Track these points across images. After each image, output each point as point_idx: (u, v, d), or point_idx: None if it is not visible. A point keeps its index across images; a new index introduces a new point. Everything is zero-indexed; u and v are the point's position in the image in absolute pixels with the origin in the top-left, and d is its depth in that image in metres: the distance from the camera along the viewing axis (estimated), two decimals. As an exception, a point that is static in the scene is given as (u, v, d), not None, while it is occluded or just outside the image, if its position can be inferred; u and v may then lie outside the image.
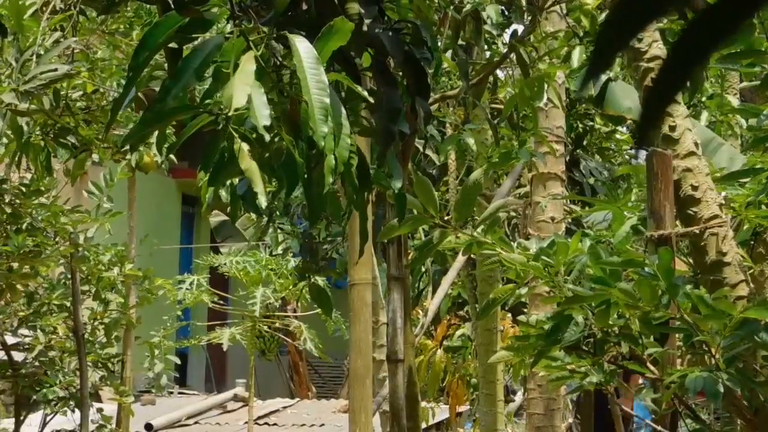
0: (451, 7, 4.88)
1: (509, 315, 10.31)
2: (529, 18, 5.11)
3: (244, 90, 2.25)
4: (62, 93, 4.18)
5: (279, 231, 10.05)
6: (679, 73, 0.88)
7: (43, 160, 4.15)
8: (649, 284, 2.97)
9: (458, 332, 10.67)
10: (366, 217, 2.86)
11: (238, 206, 2.70)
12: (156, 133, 2.55)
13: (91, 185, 7.37)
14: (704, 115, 6.83)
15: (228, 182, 2.69)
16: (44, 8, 4.18)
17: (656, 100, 0.91)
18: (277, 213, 9.76)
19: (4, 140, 4.12)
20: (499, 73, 6.25)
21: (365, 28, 2.52)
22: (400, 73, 2.71)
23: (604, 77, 5.91)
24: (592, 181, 9.28)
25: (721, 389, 2.92)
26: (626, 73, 6.17)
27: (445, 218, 3.42)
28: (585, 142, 9.42)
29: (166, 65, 2.52)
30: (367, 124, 2.61)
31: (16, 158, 4.43)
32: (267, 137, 2.29)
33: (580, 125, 9.46)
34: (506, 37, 5.69)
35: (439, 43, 4.12)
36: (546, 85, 5.16)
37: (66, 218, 7.15)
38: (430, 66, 2.72)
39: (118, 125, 5.26)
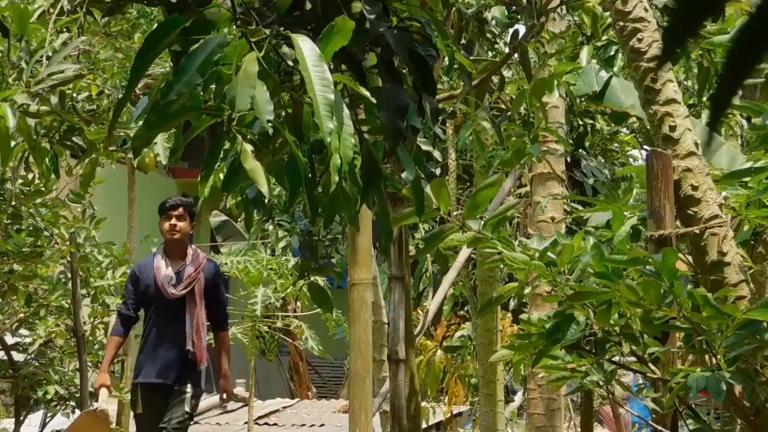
0: (459, 3, 4.89)
1: (509, 315, 10.31)
2: (535, 18, 5.12)
3: (247, 92, 2.26)
4: (68, 94, 4.19)
5: (278, 228, 10.04)
6: (750, 55, 0.89)
7: (50, 163, 4.16)
8: (654, 283, 2.97)
9: (458, 333, 10.68)
10: (387, 215, 2.87)
11: (251, 210, 2.72)
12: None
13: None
14: (705, 114, 6.84)
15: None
16: (51, 9, 4.19)
17: (728, 84, 0.91)
18: (277, 210, 9.76)
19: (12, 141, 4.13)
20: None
21: (369, 26, 2.53)
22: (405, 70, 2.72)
23: (605, 75, 5.92)
24: (592, 181, 9.29)
25: (724, 388, 2.93)
26: (627, 73, 6.18)
27: (453, 214, 3.43)
28: (587, 143, 9.43)
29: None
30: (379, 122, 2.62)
31: (22, 160, 4.44)
32: (270, 131, 2.29)
33: (580, 123, 9.45)
34: (507, 37, 5.71)
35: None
36: (556, 83, 5.19)
37: (65, 219, 7.16)
38: (436, 62, 2.72)
39: (120, 126, 5.27)
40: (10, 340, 8.16)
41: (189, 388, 6.25)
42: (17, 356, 8.13)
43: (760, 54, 0.88)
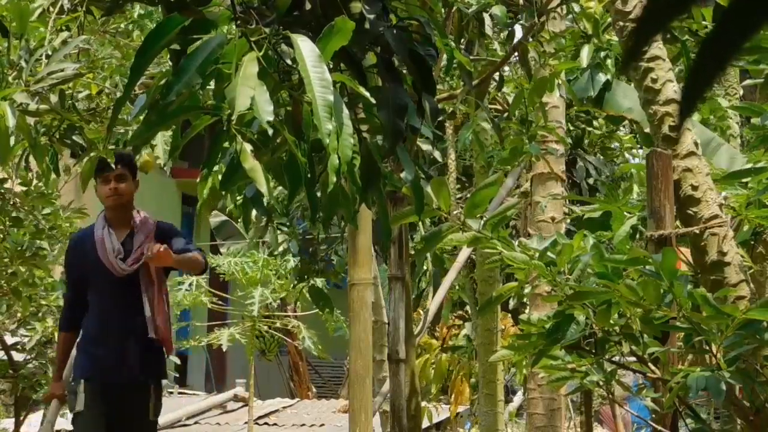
0: (459, 3, 4.89)
1: (509, 315, 10.32)
2: (536, 18, 5.13)
3: (247, 93, 2.26)
4: (68, 93, 4.20)
5: (278, 232, 10.03)
6: (718, 58, 0.89)
7: (50, 162, 4.15)
8: (654, 283, 2.97)
9: (462, 332, 10.70)
10: (387, 214, 2.88)
11: (249, 210, 2.73)
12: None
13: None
14: (695, 115, 6.85)
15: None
16: (51, 8, 4.19)
17: (696, 85, 0.91)
18: (276, 213, 9.74)
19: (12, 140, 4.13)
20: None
21: (368, 26, 2.53)
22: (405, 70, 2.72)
23: (603, 77, 5.92)
24: (591, 181, 9.29)
25: (724, 387, 2.93)
26: (615, 75, 6.18)
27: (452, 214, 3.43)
28: (586, 142, 9.44)
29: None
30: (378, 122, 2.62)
31: (23, 159, 4.45)
32: (270, 131, 2.29)
33: (577, 128, 9.45)
34: (504, 36, 5.71)
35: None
36: (558, 82, 5.20)
37: (64, 218, 7.16)
38: (436, 62, 2.72)
39: (120, 125, 5.27)
40: (10, 340, 8.17)
41: (152, 389, 5.11)
42: (17, 356, 8.13)
43: (741, 39, 0.88)
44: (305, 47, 2.30)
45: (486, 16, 5.18)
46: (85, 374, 5.09)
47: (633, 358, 3.42)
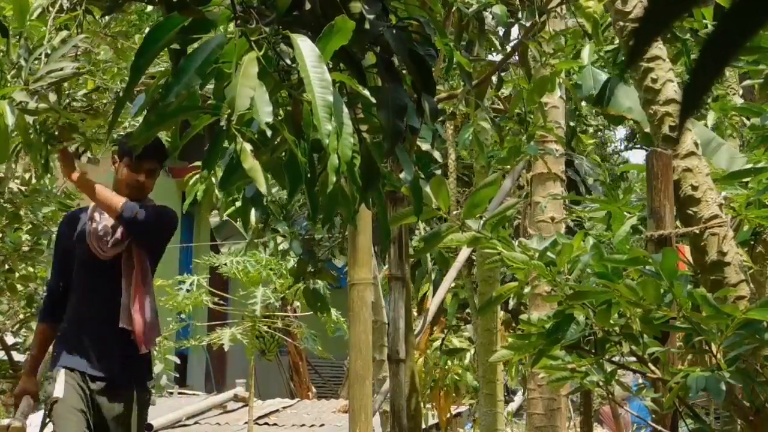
0: (458, 3, 4.89)
1: (502, 312, 10.30)
2: (536, 17, 5.13)
3: (247, 93, 2.25)
4: (66, 92, 4.19)
5: (276, 234, 10.04)
6: (719, 58, 0.89)
7: (42, 159, 4.12)
8: (653, 283, 2.97)
9: (436, 344, 10.68)
10: (386, 215, 2.88)
11: (248, 210, 2.73)
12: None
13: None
14: (711, 115, 6.84)
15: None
16: (50, 8, 4.19)
17: (697, 85, 0.91)
18: (273, 217, 9.75)
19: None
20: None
21: (368, 26, 2.53)
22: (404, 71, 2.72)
23: (604, 77, 5.91)
24: (591, 180, 9.28)
25: (724, 387, 2.93)
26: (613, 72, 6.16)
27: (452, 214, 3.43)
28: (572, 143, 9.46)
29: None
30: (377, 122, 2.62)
31: (15, 155, 4.43)
32: (269, 132, 2.29)
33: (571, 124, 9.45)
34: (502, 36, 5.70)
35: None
36: (559, 81, 5.20)
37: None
38: (435, 62, 2.72)
39: (119, 126, 5.27)
40: (10, 340, 8.17)
41: (135, 393, 4.61)
42: (17, 356, 8.14)
43: (742, 39, 0.88)
44: (305, 47, 2.30)
45: (488, 15, 5.18)
46: (64, 363, 4.60)
47: (633, 358, 3.42)
